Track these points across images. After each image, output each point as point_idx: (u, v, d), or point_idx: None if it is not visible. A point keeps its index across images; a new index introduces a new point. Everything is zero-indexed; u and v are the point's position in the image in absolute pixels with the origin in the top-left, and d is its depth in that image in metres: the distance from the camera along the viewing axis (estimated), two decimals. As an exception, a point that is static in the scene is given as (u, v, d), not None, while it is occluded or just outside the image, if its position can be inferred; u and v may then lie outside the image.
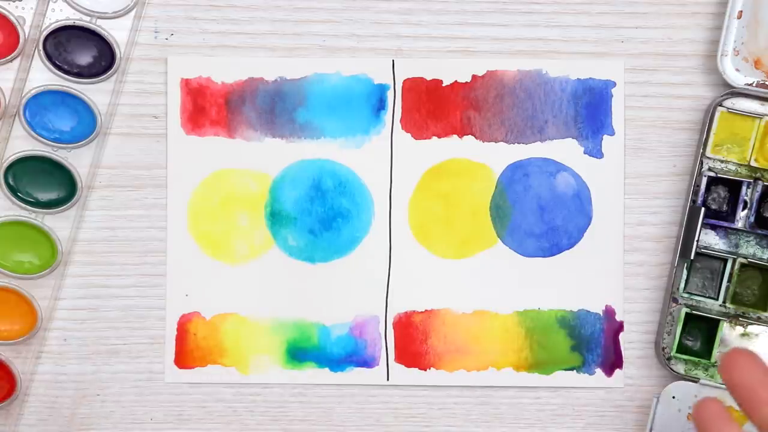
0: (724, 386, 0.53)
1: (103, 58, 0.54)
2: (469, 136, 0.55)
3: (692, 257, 0.53)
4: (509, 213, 0.55)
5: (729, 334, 0.54)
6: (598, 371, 0.56)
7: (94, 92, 0.54)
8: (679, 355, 0.54)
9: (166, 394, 0.56)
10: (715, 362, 0.53)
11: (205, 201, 0.55)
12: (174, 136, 0.55)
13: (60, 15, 0.54)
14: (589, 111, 0.55)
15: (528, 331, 0.56)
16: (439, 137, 0.55)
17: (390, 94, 0.55)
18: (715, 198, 0.54)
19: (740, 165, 0.54)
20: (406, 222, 0.56)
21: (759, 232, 0.53)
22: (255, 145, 0.55)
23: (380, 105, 0.55)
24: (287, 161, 0.55)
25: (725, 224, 0.54)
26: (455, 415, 0.56)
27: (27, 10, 0.54)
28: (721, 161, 0.54)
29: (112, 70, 0.54)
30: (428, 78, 0.55)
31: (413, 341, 0.56)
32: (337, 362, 0.56)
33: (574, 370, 0.56)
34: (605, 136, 0.55)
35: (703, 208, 0.53)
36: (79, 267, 0.55)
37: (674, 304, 0.54)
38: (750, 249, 0.54)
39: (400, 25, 0.55)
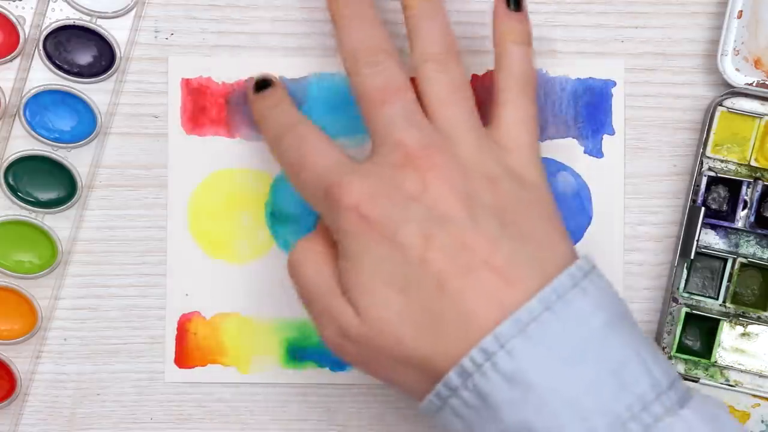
0: (725, 386, 0.53)
1: (103, 58, 0.54)
2: (470, 135, 0.55)
3: (692, 257, 0.53)
4: (509, 213, 0.55)
5: (729, 333, 0.54)
6: (598, 371, 0.56)
7: (94, 92, 0.54)
8: (679, 355, 0.54)
9: (166, 394, 0.56)
10: (715, 362, 0.53)
11: (206, 201, 0.55)
12: (174, 135, 0.55)
13: (60, 15, 0.54)
14: (589, 110, 0.55)
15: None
16: (440, 137, 0.55)
17: (390, 93, 0.55)
18: (715, 198, 0.54)
19: (740, 165, 0.54)
20: (406, 222, 0.55)
21: (759, 231, 0.54)
22: (255, 144, 0.55)
23: (380, 105, 0.55)
24: (287, 161, 0.55)
25: (725, 224, 0.54)
26: (455, 415, 0.56)
27: (27, 9, 0.53)
28: (721, 161, 0.54)
29: (112, 69, 0.54)
30: (428, 78, 0.55)
31: (413, 341, 0.56)
32: (337, 362, 0.56)
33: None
34: (605, 136, 0.55)
35: (703, 208, 0.53)
36: (79, 267, 0.55)
37: (674, 304, 0.54)
38: (750, 249, 0.54)
39: (400, 25, 0.55)
